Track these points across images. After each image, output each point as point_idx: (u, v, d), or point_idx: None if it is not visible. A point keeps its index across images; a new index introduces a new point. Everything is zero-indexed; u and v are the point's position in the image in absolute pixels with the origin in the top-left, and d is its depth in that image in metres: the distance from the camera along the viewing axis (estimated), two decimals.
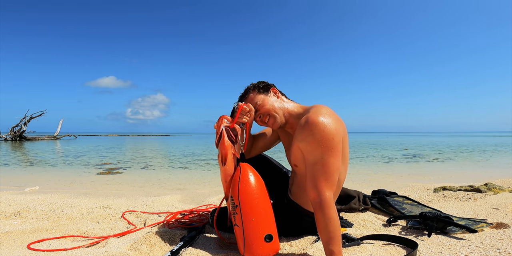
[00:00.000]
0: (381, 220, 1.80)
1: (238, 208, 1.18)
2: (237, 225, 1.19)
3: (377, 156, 8.23)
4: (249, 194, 1.20)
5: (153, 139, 31.25)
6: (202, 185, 3.77)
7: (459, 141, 19.83)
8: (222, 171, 1.27)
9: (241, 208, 1.17)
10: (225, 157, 1.24)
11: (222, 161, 1.24)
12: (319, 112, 1.21)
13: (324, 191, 1.11)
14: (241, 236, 1.17)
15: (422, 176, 4.29)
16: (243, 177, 1.25)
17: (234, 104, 1.34)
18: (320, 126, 1.15)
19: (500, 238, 1.43)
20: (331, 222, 1.07)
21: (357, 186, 3.14)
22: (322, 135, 1.14)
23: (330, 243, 1.07)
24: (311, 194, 1.13)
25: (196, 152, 10.40)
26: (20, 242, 1.48)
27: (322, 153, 1.14)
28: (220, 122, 1.28)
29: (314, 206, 1.12)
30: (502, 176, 4.12)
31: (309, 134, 1.16)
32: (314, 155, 1.15)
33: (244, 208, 1.17)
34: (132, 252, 1.32)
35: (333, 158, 1.14)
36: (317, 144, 1.14)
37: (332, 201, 1.11)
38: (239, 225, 1.18)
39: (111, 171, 5.31)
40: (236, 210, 1.19)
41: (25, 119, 22.58)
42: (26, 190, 3.32)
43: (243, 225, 1.16)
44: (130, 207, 2.29)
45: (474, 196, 2.46)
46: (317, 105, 1.31)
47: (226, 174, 1.26)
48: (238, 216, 1.18)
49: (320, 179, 1.12)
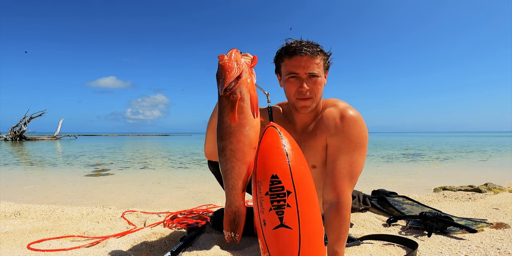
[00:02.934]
0: (381, 220, 1.80)
1: (293, 197, 0.74)
2: (286, 226, 0.74)
3: (377, 155, 8.23)
4: (305, 173, 0.79)
5: (153, 139, 31.26)
6: (202, 184, 3.78)
7: (459, 141, 19.84)
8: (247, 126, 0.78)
9: (297, 196, 0.74)
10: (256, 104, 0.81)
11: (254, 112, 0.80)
12: (351, 107, 1.14)
13: (346, 191, 1.03)
14: (294, 243, 0.74)
15: (422, 176, 4.29)
16: (288, 143, 0.82)
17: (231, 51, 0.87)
18: (358, 122, 1.09)
19: (500, 238, 1.43)
20: (345, 224, 1.03)
21: (357, 186, 3.14)
22: (359, 132, 1.08)
23: (336, 243, 1.03)
24: (329, 193, 1.04)
25: (196, 152, 10.40)
26: (20, 242, 1.48)
27: (353, 151, 1.07)
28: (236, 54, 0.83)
29: (328, 206, 1.04)
30: (502, 176, 4.12)
31: (345, 130, 1.08)
32: (344, 152, 1.07)
33: (302, 196, 0.74)
34: (132, 252, 1.32)
35: (361, 157, 1.08)
36: (352, 141, 1.07)
37: (350, 202, 1.05)
38: (292, 227, 0.74)
39: (111, 171, 5.31)
40: (289, 200, 0.74)
41: (25, 119, 22.57)
42: (26, 189, 3.32)
43: (300, 225, 0.74)
44: (130, 207, 2.29)
45: (474, 196, 2.46)
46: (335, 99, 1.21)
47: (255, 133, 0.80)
48: (291, 210, 0.74)
49: (344, 178, 1.04)
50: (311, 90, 1.11)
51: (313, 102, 1.13)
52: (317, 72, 1.10)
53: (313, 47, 1.10)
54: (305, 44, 1.10)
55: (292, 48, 1.10)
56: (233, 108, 0.76)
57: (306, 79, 1.10)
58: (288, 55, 1.11)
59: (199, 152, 10.28)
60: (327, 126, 1.14)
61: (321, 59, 1.12)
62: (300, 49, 1.08)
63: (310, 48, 1.09)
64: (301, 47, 1.09)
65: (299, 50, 1.08)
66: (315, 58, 1.09)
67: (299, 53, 1.08)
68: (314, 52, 1.09)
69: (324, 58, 1.13)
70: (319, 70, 1.11)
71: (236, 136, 0.77)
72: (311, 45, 1.10)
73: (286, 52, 1.12)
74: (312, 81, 1.10)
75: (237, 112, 0.76)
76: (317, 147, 1.16)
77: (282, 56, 1.13)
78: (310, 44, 1.11)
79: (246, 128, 0.77)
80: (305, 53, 1.08)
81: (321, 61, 1.11)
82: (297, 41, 1.12)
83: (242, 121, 0.77)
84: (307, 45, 1.10)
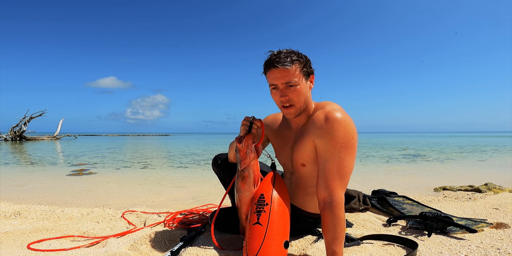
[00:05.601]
0: (381, 220, 1.80)
1: (268, 207, 1.14)
2: (260, 223, 1.11)
3: (377, 156, 8.23)
4: (282, 195, 1.20)
5: (153, 139, 31.27)
6: (202, 184, 3.78)
7: (459, 141, 19.84)
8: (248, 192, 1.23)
9: (271, 207, 1.14)
10: (258, 179, 1.23)
11: (254, 184, 1.23)
12: (337, 109, 1.17)
13: (337, 191, 1.08)
14: (260, 236, 1.09)
15: (422, 176, 4.29)
16: (278, 179, 1.25)
17: (250, 118, 1.25)
18: (342, 123, 1.12)
19: (500, 238, 1.43)
20: (340, 222, 1.06)
21: (357, 186, 3.14)
22: (343, 133, 1.11)
23: (334, 243, 1.05)
24: (322, 193, 1.10)
25: (196, 152, 10.40)
26: (20, 242, 1.48)
27: (340, 152, 1.10)
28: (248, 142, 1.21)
29: (322, 206, 1.09)
30: (502, 176, 4.12)
31: (329, 131, 1.12)
32: (331, 153, 1.11)
33: (274, 207, 1.14)
34: (132, 252, 1.32)
35: (350, 157, 1.11)
36: (337, 141, 1.11)
37: (343, 201, 1.09)
38: (263, 224, 1.11)
39: (111, 171, 5.31)
40: (265, 208, 1.14)
41: (25, 119, 22.58)
42: (26, 189, 3.32)
43: (269, 224, 1.11)
44: (130, 207, 2.29)
45: (474, 196, 2.46)
46: (327, 101, 1.27)
47: (251, 193, 1.24)
48: (265, 214, 1.13)
49: (334, 178, 1.09)
50: (290, 99, 1.18)
51: (296, 109, 1.21)
52: (295, 81, 1.15)
53: (287, 57, 1.15)
54: (280, 55, 1.15)
55: (270, 61, 1.17)
56: (243, 181, 1.22)
57: (284, 89, 1.17)
58: (267, 68, 1.19)
59: (199, 152, 10.28)
60: (313, 128, 1.18)
61: (297, 67, 1.16)
62: (275, 61, 1.14)
63: (284, 58, 1.14)
64: (276, 58, 1.15)
65: (274, 63, 1.14)
66: (289, 68, 1.14)
67: (274, 65, 1.15)
68: (287, 63, 1.14)
69: (301, 65, 1.17)
70: (297, 79, 1.16)
71: (242, 194, 1.24)
72: (285, 56, 1.15)
73: (265, 65, 1.20)
74: (291, 90, 1.17)
75: (245, 183, 1.22)
76: (305, 147, 1.22)
77: (264, 69, 1.21)
78: (285, 55, 1.15)
79: (247, 193, 1.23)
80: (277, 65, 1.14)
81: (297, 69, 1.16)
82: (275, 54, 1.18)
83: (246, 188, 1.22)
84: (282, 56, 1.15)
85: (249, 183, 1.23)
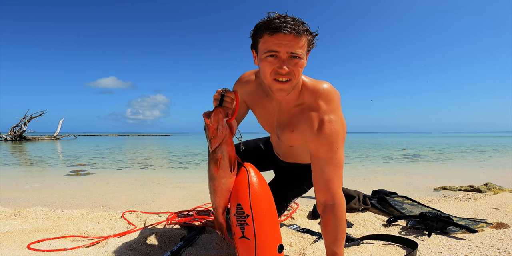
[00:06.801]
0: (381, 220, 1.81)
1: (250, 219, 1.02)
2: (246, 237, 1.03)
3: (377, 156, 8.23)
4: (261, 202, 1.05)
5: (153, 139, 31.26)
6: (202, 184, 3.77)
7: (459, 141, 19.85)
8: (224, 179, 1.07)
9: (254, 218, 1.02)
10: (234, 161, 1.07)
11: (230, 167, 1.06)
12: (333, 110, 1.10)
13: (338, 192, 1.05)
14: (251, 249, 1.02)
15: (422, 176, 4.29)
16: (252, 180, 1.08)
17: (222, 90, 1.02)
18: (335, 126, 1.07)
19: (500, 238, 1.43)
20: (341, 224, 1.03)
21: (357, 186, 3.14)
22: (338, 138, 1.08)
23: (334, 244, 1.03)
24: (322, 196, 1.05)
25: (196, 152, 10.40)
26: (20, 242, 1.48)
27: (336, 153, 1.06)
28: (218, 116, 1.01)
29: (324, 208, 1.05)
30: (502, 176, 4.12)
31: (325, 137, 1.07)
32: (328, 157, 1.06)
33: (258, 218, 1.03)
34: (132, 252, 1.32)
35: (342, 156, 1.08)
36: (332, 145, 1.07)
37: (344, 202, 1.06)
38: (250, 238, 1.02)
39: (111, 171, 5.31)
40: (247, 220, 1.03)
41: (25, 119, 22.56)
42: (26, 189, 3.32)
43: (256, 237, 1.01)
44: (130, 207, 2.29)
45: (474, 196, 2.46)
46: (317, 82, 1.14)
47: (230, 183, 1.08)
48: (249, 227, 1.02)
49: (333, 179, 1.05)
50: (290, 72, 1.01)
51: (291, 86, 1.05)
52: (300, 53, 0.99)
53: (299, 25, 0.98)
54: (290, 20, 0.98)
55: (276, 23, 0.97)
56: (216, 164, 1.04)
57: (286, 59, 1.00)
58: (270, 31, 0.98)
59: (199, 152, 10.28)
60: (306, 129, 1.11)
61: (306, 40, 1.01)
62: (285, 25, 0.96)
63: (296, 26, 0.97)
64: (286, 23, 0.96)
65: (284, 27, 0.96)
66: (300, 38, 0.98)
67: (283, 30, 0.96)
68: (300, 31, 0.97)
69: (310, 38, 1.02)
70: (302, 51, 1.00)
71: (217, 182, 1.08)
72: (297, 23, 0.98)
73: (267, 27, 0.98)
74: (293, 62, 1.00)
75: (219, 168, 1.04)
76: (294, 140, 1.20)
77: (262, 31, 1.00)
78: (296, 22, 0.98)
79: (223, 180, 1.06)
80: (290, 31, 0.96)
81: (306, 42, 1.01)
82: (281, 16, 0.99)
83: (221, 174, 1.05)
84: (293, 22, 0.97)
85: (224, 167, 1.05)
